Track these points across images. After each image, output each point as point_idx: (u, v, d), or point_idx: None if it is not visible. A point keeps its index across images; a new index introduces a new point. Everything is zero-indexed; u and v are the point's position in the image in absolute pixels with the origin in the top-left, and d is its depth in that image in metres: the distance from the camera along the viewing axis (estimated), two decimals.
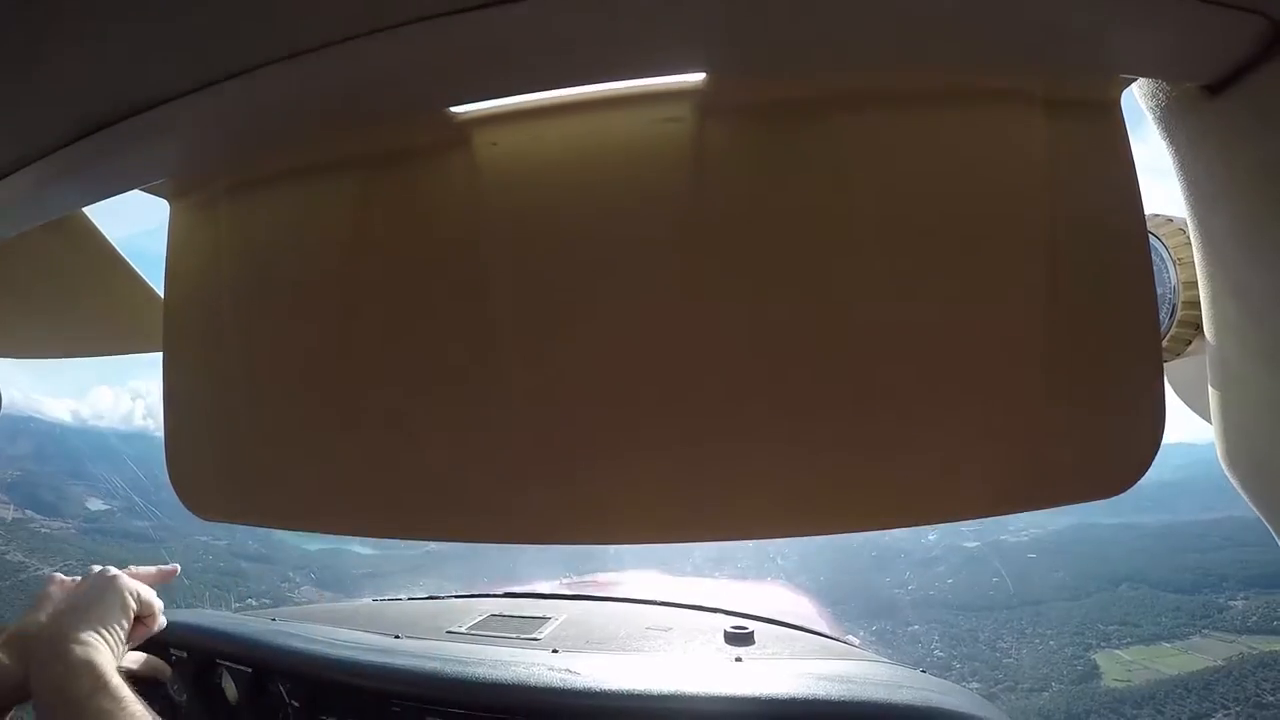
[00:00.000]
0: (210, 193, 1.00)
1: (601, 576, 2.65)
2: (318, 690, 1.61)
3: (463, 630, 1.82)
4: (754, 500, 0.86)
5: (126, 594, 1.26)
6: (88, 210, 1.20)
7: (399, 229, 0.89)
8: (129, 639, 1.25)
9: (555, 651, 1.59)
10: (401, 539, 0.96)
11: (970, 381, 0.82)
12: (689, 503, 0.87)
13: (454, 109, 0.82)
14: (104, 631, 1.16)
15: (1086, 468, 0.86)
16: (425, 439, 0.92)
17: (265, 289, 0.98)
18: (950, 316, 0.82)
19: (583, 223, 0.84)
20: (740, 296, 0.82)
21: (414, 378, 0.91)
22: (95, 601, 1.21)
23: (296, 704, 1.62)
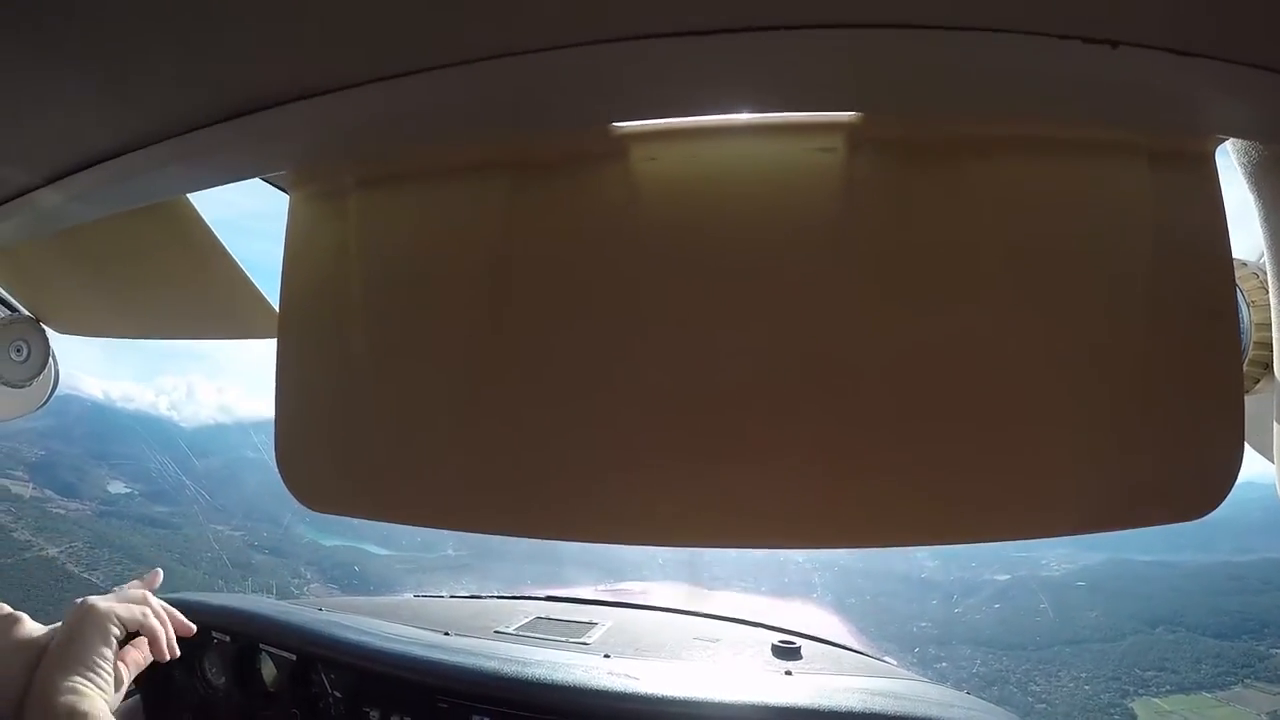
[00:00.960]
0: (337, 184, 1.02)
1: (636, 585, 2.65)
2: (363, 681, 1.62)
3: (511, 630, 1.83)
4: (866, 509, 0.91)
5: (106, 623, 1.14)
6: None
7: (548, 234, 0.92)
8: (126, 665, 1.17)
9: (608, 656, 1.60)
10: (523, 537, 0.97)
11: (1070, 404, 0.87)
12: (824, 510, 0.91)
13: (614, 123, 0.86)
14: (88, 673, 1.08)
15: (1170, 491, 0.91)
16: (558, 441, 0.95)
17: (401, 284, 1.00)
18: (1056, 344, 0.86)
19: (733, 240, 0.88)
20: (877, 318, 0.86)
21: (550, 381, 0.93)
22: (75, 639, 1.11)
23: (339, 694, 1.63)
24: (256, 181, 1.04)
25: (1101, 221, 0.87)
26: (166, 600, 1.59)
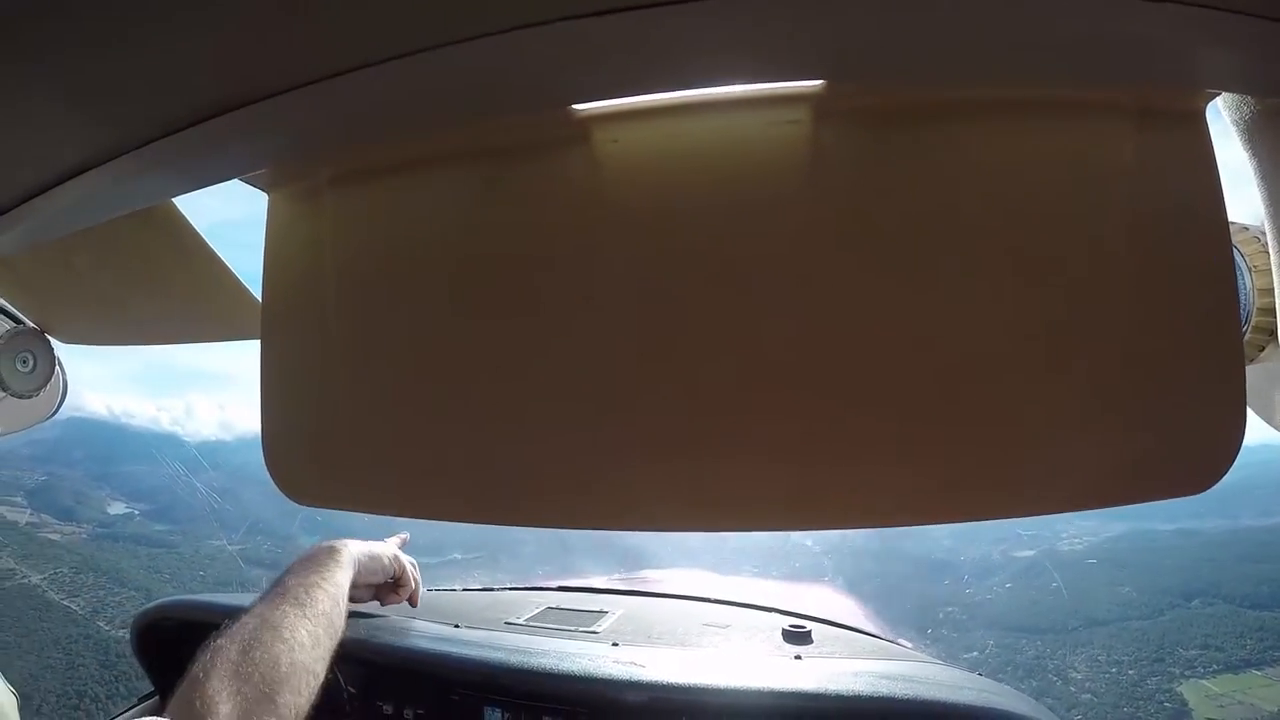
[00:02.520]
0: (312, 183, 1.02)
1: (651, 572, 2.65)
2: (376, 676, 1.63)
3: (521, 621, 1.83)
4: (863, 491, 0.90)
5: (389, 559, 1.69)
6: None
7: (514, 222, 0.92)
8: (381, 594, 1.74)
9: (616, 645, 1.60)
10: (504, 525, 0.98)
11: (1062, 376, 0.85)
12: (805, 491, 0.90)
13: (575, 105, 0.85)
14: (365, 563, 1.58)
15: (1174, 463, 0.88)
16: (534, 428, 0.94)
17: (373, 278, 1.01)
18: (1044, 314, 0.85)
19: (700, 219, 0.87)
20: (852, 292, 0.85)
21: (523, 368, 0.93)
22: (380, 553, 1.65)
23: (353, 690, 1.63)
24: (233, 190, 1.05)
25: (1087, 185, 0.84)
26: (182, 603, 1.63)
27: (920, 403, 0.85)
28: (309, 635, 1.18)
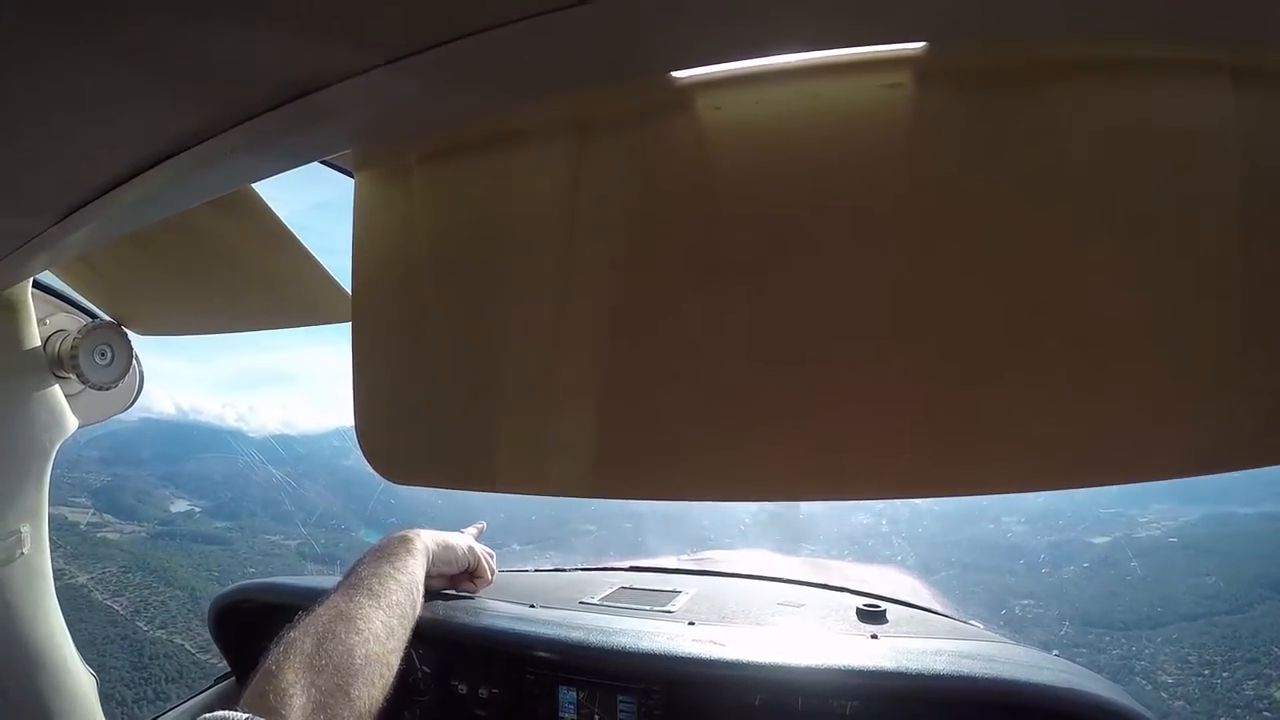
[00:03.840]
0: (399, 164, 1.03)
1: (718, 553, 2.65)
2: (452, 655, 1.65)
3: (595, 601, 1.85)
4: (962, 455, 0.89)
5: (464, 550, 1.75)
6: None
7: (615, 192, 0.92)
8: (455, 584, 1.81)
9: (692, 624, 1.60)
10: (601, 498, 0.98)
11: (1168, 343, 0.84)
12: (910, 455, 0.89)
13: (676, 73, 0.84)
14: (439, 553, 1.65)
15: (1274, 431, 0.86)
16: (637, 402, 0.95)
17: (468, 254, 1.01)
18: (1148, 279, 0.83)
19: (806, 185, 0.86)
20: (956, 257, 0.84)
21: (626, 341, 0.94)
22: (454, 544, 1.72)
23: (428, 669, 1.66)
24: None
25: (1193, 145, 0.83)
26: (261, 585, 1.67)
27: (1018, 371, 0.85)
28: (383, 626, 1.21)
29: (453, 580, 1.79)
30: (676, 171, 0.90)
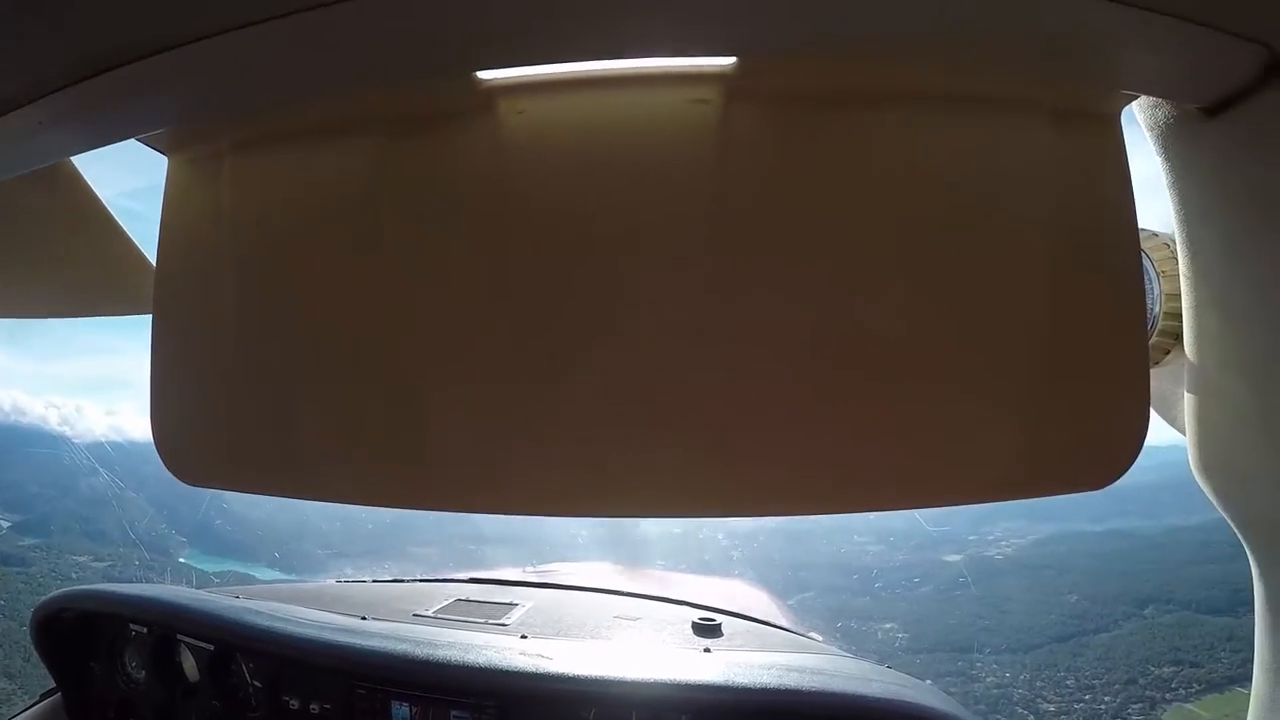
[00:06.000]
0: (212, 149, 0.98)
1: (563, 566, 2.65)
2: (281, 670, 1.60)
3: (429, 614, 1.81)
4: (767, 479, 0.88)
5: None
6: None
7: (418, 194, 0.89)
8: None
9: (524, 637, 1.59)
10: (402, 508, 0.95)
11: (972, 371, 0.85)
12: (704, 480, 0.89)
13: (480, 74, 0.82)
14: None
15: (1078, 458, 0.89)
16: (433, 408, 0.92)
17: (272, 250, 0.96)
18: (955, 308, 0.84)
19: (606, 197, 0.85)
20: (758, 279, 0.84)
21: (425, 346, 0.90)
22: None
23: (259, 684, 1.61)
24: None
25: (1000, 181, 0.85)
26: (83, 593, 1.57)
27: (820, 397, 0.85)
28: None
29: None
30: (474, 173, 0.87)
